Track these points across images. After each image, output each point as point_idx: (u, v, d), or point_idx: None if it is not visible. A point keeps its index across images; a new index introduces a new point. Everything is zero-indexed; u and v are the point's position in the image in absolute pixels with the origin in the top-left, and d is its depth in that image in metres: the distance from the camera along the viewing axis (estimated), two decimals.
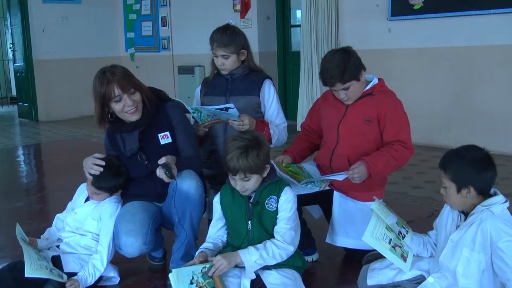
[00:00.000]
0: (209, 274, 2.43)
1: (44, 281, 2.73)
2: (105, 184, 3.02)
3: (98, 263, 2.94)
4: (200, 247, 2.64)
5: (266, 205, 2.58)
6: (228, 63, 3.25)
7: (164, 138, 3.04)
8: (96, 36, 10.73)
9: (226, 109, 2.99)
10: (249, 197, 2.60)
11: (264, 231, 2.58)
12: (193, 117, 3.23)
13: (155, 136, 3.04)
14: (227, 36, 3.21)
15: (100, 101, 2.93)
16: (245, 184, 2.51)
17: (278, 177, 2.70)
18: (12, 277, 2.81)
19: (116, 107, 2.92)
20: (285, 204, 2.58)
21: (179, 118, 3.10)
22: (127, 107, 2.92)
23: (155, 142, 3.04)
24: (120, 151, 3.09)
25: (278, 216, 2.59)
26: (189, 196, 2.86)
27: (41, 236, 3.10)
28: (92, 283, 2.91)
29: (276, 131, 3.30)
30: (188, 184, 2.85)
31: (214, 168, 3.35)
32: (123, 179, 3.08)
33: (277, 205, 2.58)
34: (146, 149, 3.05)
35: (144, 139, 3.04)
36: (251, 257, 2.48)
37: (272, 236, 2.58)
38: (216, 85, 3.35)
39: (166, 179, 2.76)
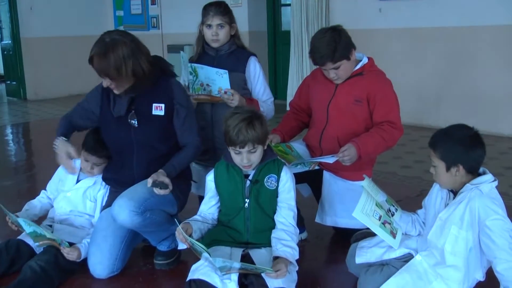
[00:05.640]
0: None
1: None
2: (103, 151, 3.04)
3: None
4: (187, 219, 2.61)
5: (265, 183, 2.58)
6: (222, 33, 3.26)
7: (157, 109, 2.97)
8: (85, 14, 10.61)
9: (221, 74, 3.08)
10: (246, 175, 2.60)
11: (260, 209, 2.58)
12: (186, 84, 3.24)
13: (149, 104, 2.97)
14: (223, 7, 3.28)
15: None
16: (251, 157, 2.49)
17: (276, 155, 2.70)
18: (8, 257, 2.85)
19: (103, 82, 2.87)
20: (288, 183, 2.61)
21: (183, 100, 3.03)
22: (106, 84, 2.85)
23: (147, 110, 2.97)
24: (108, 110, 3.01)
25: (281, 198, 2.60)
26: (129, 227, 2.84)
27: (23, 209, 3.10)
28: None
29: (265, 107, 3.34)
30: (121, 219, 2.75)
31: (203, 144, 3.34)
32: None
33: (278, 183, 2.59)
34: (136, 115, 2.97)
35: (136, 104, 2.97)
36: (294, 257, 2.46)
37: (267, 214, 2.59)
38: (202, 64, 3.31)
39: (164, 193, 2.77)
